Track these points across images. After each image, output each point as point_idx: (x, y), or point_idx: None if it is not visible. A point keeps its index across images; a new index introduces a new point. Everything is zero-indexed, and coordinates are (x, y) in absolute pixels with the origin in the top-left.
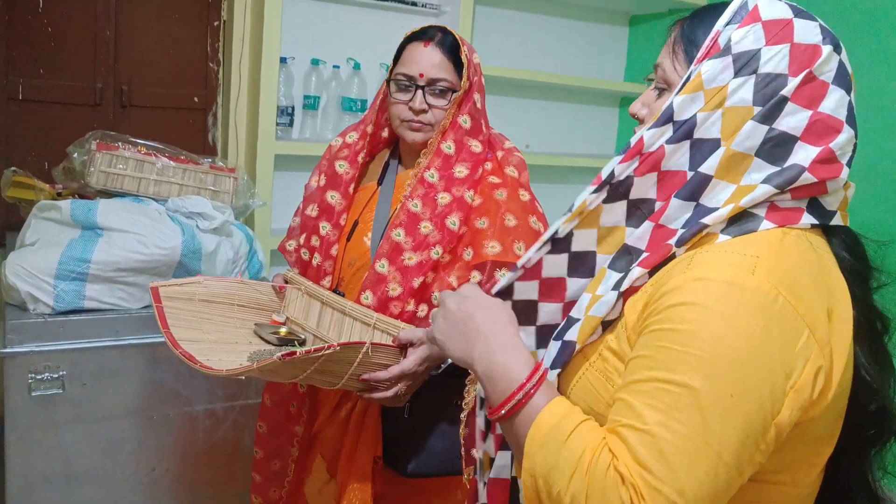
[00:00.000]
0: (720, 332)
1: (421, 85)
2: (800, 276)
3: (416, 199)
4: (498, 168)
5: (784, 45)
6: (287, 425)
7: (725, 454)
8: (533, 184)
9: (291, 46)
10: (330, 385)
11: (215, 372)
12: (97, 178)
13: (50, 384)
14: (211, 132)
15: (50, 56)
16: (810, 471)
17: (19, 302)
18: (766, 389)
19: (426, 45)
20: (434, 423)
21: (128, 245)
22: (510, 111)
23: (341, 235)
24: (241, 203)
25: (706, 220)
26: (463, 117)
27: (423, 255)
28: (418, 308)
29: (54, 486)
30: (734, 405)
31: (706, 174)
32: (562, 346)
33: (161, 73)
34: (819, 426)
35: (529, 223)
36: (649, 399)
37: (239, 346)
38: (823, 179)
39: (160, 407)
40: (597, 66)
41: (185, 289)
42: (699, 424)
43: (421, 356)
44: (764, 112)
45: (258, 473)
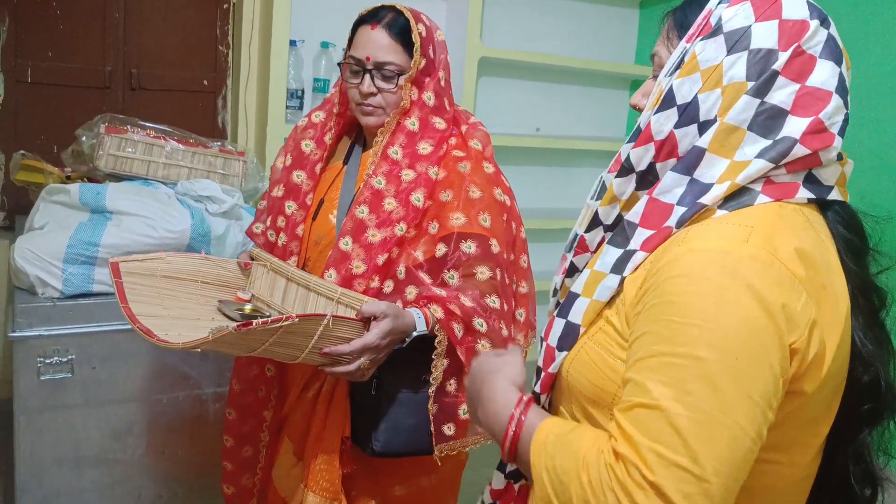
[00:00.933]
0: (718, 300)
1: (368, 68)
2: (795, 245)
3: (380, 175)
4: (462, 142)
5: (773, 21)
6: (257, 410)
7: (742, 419)
8: (542, 166)
9: (301, 29)
10: (291, 358)
11: (171, 345)
12: (106, 161)
13: (59, 368)
14: (220, 115)
15: (59, 39)
16: (807, 450)
17: (28, 286)
18: (771, 349)
19: (373, 28)
20: (402, 400)
21: (137, 228)
22: (520, 94)
23: (307, 215)
24: (250, 186)
25: (704, 199)
26: (427, 94)
27: (388, 231)
28: (383, 284)
29: (64, 468)
30: (742, 369)
31: (701, 147)
32: (566, 326)
33: (170, 56)
34: (814, 405)
35: (494, 195)
36: (657, 375)
37: (201, 322)
38: (816, 150)
39: (169, 390)
40: (607, 49)
41: (146, 264)
42: (710, 394)
43: (384, 329)
44: (756, 86)
45: (229, 462)
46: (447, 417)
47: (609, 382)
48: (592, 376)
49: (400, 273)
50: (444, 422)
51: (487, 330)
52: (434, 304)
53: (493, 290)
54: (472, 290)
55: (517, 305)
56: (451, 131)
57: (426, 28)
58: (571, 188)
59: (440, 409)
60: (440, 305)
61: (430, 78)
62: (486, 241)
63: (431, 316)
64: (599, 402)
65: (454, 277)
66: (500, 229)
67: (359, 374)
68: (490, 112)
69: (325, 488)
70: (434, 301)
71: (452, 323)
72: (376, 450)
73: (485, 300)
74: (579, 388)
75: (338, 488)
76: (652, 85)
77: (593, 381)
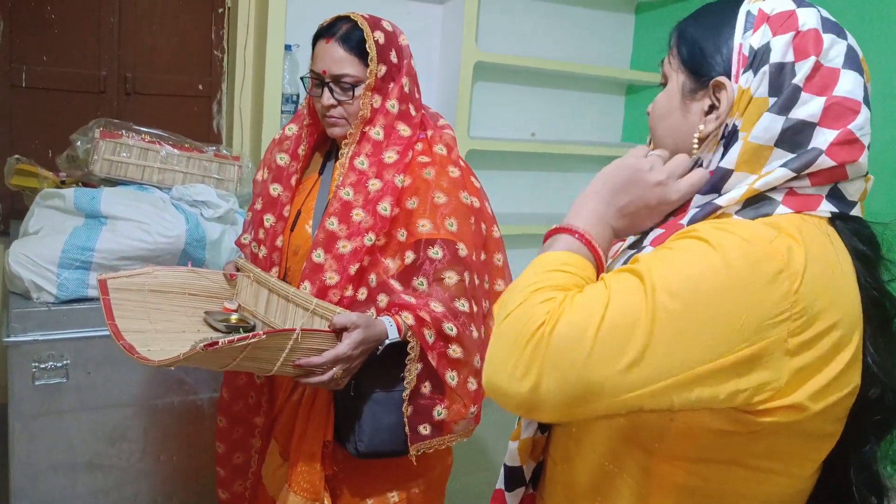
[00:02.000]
0: (713, 267)
1: (326, 82)
2: (818, 257)
3: (348, 186)
4: (427, 148)
5: (789, 34)
6: (246, 417)
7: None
8: (538, 171)
9: (296, 34)
10: (264, 372)
11: (148, 362)
12: (101, 166)
13: (54, 373)
14: (215, 120)
15: (54, 43)
16: (805, 464)
17: (23, 290)
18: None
19: (328, 41)
20: (380, 400)
21: (131, 233)
22: (515, 99)
23: (286, 226)
24: (245, 191)
25: (719, 200)
26: (391, 102)
27: (357, 241)
28: (357, 293)
29: (59, 474)
30: (692, 329)
31: (727, 168)
32: None
33: (165, 60)
34: (817, 422)
35: (460, 198)
36: (615, 280)
37: (186, 334)
38: (843, 163)
39: (165, 395)
40: (603, 54)
41: (134, 279)
42: (642, 313)
43: (355, 340)
44: (780, 103)
45: (222, 468)
46: (422, 419)
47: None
48: None
49: (372, 281)
50: (419, 423)
51: (457, 334)
52: (405, 311)
53: (462, 294)
54: (442, 295)
55: (495, 303)
56: (417, 137)
57: (385, 34)
58: (567, 193)
59: (415, 410)
60: (411, 312)
61: (393, 83)
62: (452, 245)
63: (403, 323)
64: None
65: (423, 283)
66: (468, 232)
67: (333, 384)
68: (485, 116)
69: (307, 489)
70: (405, 308)
71: (423, 329)
72: (360, 450)
73: (454, 304)
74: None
75: (318, 489)
76: (664, 97)
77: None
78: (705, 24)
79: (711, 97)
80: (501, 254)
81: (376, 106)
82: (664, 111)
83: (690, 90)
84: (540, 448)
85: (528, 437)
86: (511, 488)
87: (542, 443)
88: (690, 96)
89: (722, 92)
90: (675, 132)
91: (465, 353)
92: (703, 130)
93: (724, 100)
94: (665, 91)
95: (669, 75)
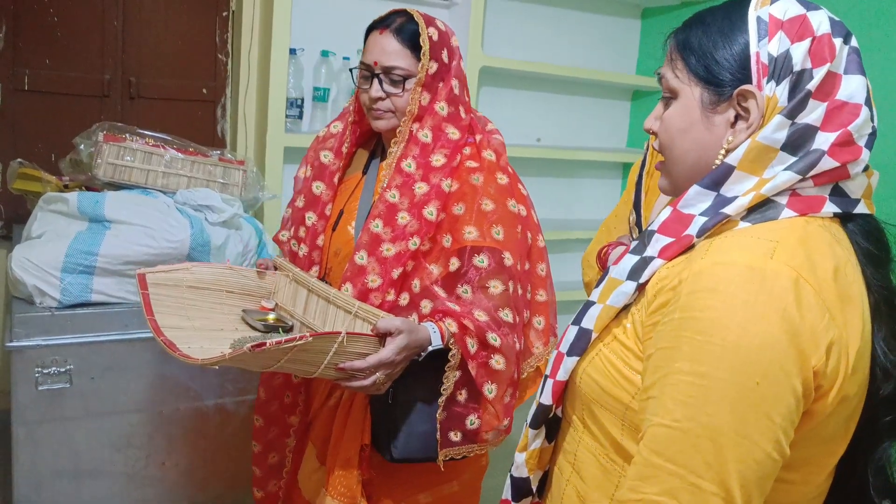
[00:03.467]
0: (742, 320)
1: (376, 73)
2: (819, 263)
3: (394, 189)
4: (476, 152)
5: (806, 41)
6: (282, 417)
7: (763, 441)
8: (544, 177)
9: (301, 38)
10: (307, 374)
11: (191, 361)
12: (104, 170)
13: (57, 378)
14: (220, 124)
15: (57, 47)
16: (821, 469)
17: (26, 295)
18: (793, 371)
19: (381, 32)
20: (417, 407)
21: (136, 238)
22: (521, 104)
23: (327, 226)
24: (250, 196)
25: (727, 209)
26: (440, 104)
27: (401, 245)
28: (399, 297)
29: (63, 480)
30: (763, 392)
31: (730, 165)
32: (579, 332)
33: (169, 64)
34: (832, 425)
35: (507, 206)
36: (677, 393)
37: (224, 332)
38: (844, 163)
39: (170, 401)
40: (609, 60)
41: (172, 275)
42: (730, 416)
43: (399, 345)
44: (791, 107)
45: (257, 467)
46: (454, 425)
47: (622, 391)
48: (605, 383)
49: (415, 286)
50: (451, 429)
51: (501, 345)
52: (449, 318)
53: (506, 304)
54: (486, 304)
55: (535, 314)
56: (465, 140)
57: (439, 32)
58: (572, 199)
59: (448, 416)
60: (455, 320)
61: (443, 83)
62: (498, 254)
63: (447, 330)
64: (610, 408)
65: (468, 291)
66: (514, 241)
67: (374, 389)
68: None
69: (343, 493)
70: (448, 315)
71: (466, 338)
72: (395, 456)
73: (498, 314)
74: (591, 394)
75: (355, 493)
76: (661, 107)
77: (605, 388)
78: (712, 31)
79: (736, 107)
80: (545, 263)
81: (424, 104)
82: (683, 126)
83: (712, 102)
84: (547, 457)
85: (535, 449)
86: (518, 499)
87: (549, 452)
88: (712, 108)
89: (750, 101)
90: (700, 146)
91: (507, 364)
92: (733, 141)
93: (753, 109)
94: (679, 105)
95: (679, 89)
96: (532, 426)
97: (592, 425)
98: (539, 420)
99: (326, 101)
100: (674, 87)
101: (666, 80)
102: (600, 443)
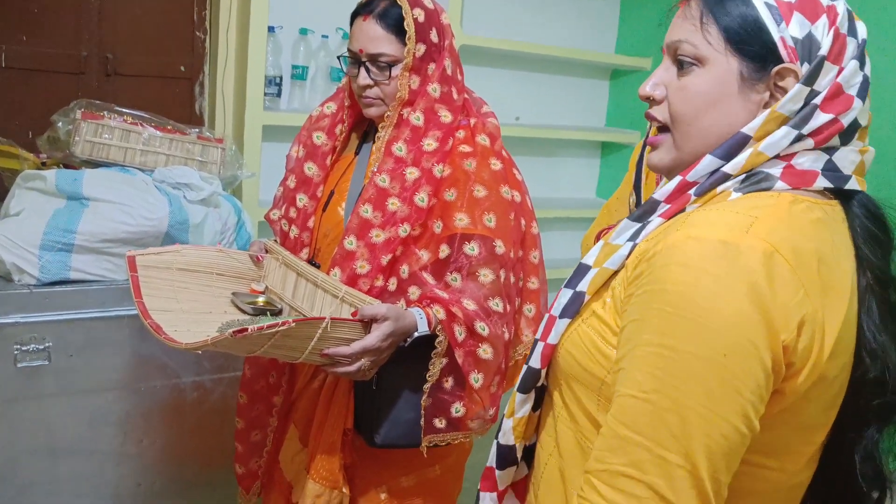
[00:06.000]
0: (711, 294)
1: (363, 61)
2: (798, 240)
3: (384, 173)
4: (470, 137)
5: (823, 16)
6: (266, 396)
7: (731, 415)
8: (522, 156)
9: (279, 15)
10: (291, 359)
11: (175, 345)
12: (82, 147)
13: (35, 356)
14: (198, 102)
15: (33, 22)
16: (798, 458)
17: (4, 273)
18: (762, 345)
19: (365, 19)
20: (401, 394)
21: (114, 216)
22: (500, 83)
23: (317, 207)
24: (228, 174)
25: (726, 167)
26: (432, 86)
27: (391, 231)
28: (388, 282)
29: (39, 458)
30: (732, 366)
31: (746, 134)
32: (573, 295)
33: (147, 41)
34: (809, 410)
35: (500, 193)
36: (645, 365)
37: (213, 315)
38: (836, 114)
39: (147, 379)
40: (588, 39)
41: (162, 257)
42: (699, 389)
43: (384, 332)
44: (807, 74)
45: (239, 443)
46: (439, 412)
47: (598, 367)
48: (582, 358)
49: (403, 272)
50: (435, 415)
51: (489, 334)
52: (437, 305)
53: (496, 293)
54: (475, 292)
55: (526, 301)
56: (458, 123)
57: (426, 12)
58: (551, 177)
59: (434, 403)
60: (442, 307)
61: (434, 64)
62: (489, 242)
63: (434, 316)
64: (587, 384)
65: (457, 279)
66: (506, 228)
67: (360, 375)
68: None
69: (325, 476)
70: (436, 302)
71: (454, 325)
72: (377, 442)
73: (487, 303)
74: (568, 369)
75: (337, 477)
76: (673, 71)
77: (582, 364)
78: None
79: (772, 87)
80: (538, 251)
81: (414, 87)
82: (712, 98)
83: (751, 78)
84: (532, 428)
85: (522, 417)
86: (502, 466)
87: (535, 421)
88: (751, 85)
89: (788, 80)
90: (730, 122)
91: (495, 353)
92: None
93: (791, 90)
94: (708, 75)
95: (711, 57)
96: (520, 390)
97: (571, 402)
98: (528, 384)
99: (305, 79)
100: (703, 55)
101: (692, 46)
102: (577, 420)
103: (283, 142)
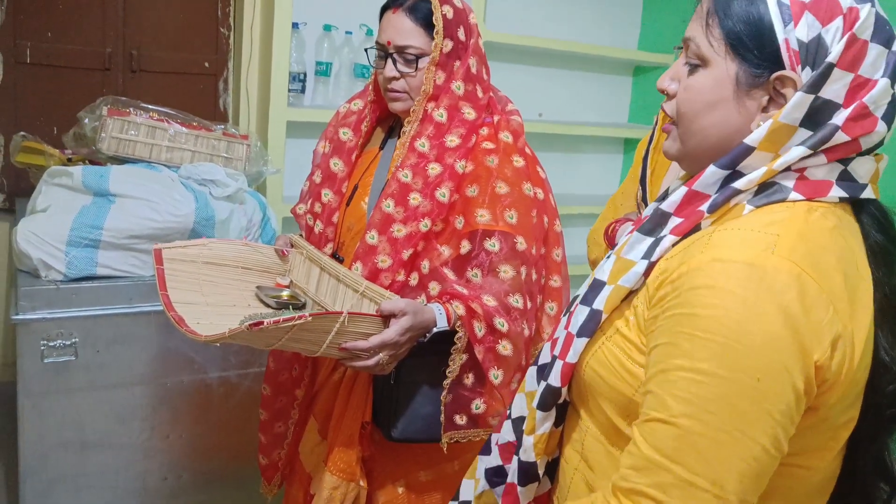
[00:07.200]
0: (742, 317)
1: (390, 53)
2: (822, 255)
3: (407, 168)
4: (493, 134)
5: (838, 18)
6: (289, 388)
7: (762, 438)
8: (545, 152)
9: (303, 12)
10: (309, 353)
11: (195, 336)
12: (108, 144)
13: (63, 351)
14: (222, 98)
15: (58, 19)
16: (825, 455)
17: (31, 269)
18: (795, 368)
19: (394, 12)
20: (420, 389)
21: (140, 212)
22: (523, 79)
23: (342, 201)
24: (253, 170)
25: (738, 184)
26: (456, 83)
27: (413, 226)
28: (409, 277)
29: (68, 452)
30: (764, 389)
31: (750, 145)
32: (590, 313)
33: (171, 37)
34: (836, 413)
35: (522, 190)
36: (676, 390)
37: (236, 308)
38: (856, 137)
39: (174, 374)
40: (610, 34)
41: (188, 251)
42: (730, 413)
43: (403, 326)
44: (811, 81)
45: (263, 434)
46: (460, 409)
47: (625, 385)
48: (609, 377)
49: (424, 267)
50: (456, 412)
51: (508, 330)
52: (457, 301)
53: (516, 289)
54: (495, 288)
55: (548, 299)
56: (482, 120)
57: (454, 10)
58: (573, 174)
59: (454, 399)
60: (462, 303)
61: (459, 62)
62: (510, 238)
63: (454, 312)
64: (614, 401)
65: (478, 276)
66: (528, 225)
67: (378, 369)
68: None
69: (343, 469)
70: (456, 298)
71: (474, 321)
72: (395, 436)
73: (507, 299)
74: (595, 387)
75: (355, 470)
76: (684, 69)
77: (609, 382)
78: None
79: (772, 92)
80: (560, 249)
81: (440, 83)
82: (711, 99)
83: (748, 84)
84: (554, 443)
85: (543, 433)
86: (524, 483)
87: (557, 438)
88: (746, 91)
89: (788, 89)
90: (726, 126)
91: (514, 350)
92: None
93: (792, 99)
94: (709, 76)
95: (711, 58)
96: (540, 408)
97: (600, 417)
98: (548, 402)
99: (329, 75)
100: (705, 56)
101: (696, 46)
102: (606, 433)
103: (308, 138)
